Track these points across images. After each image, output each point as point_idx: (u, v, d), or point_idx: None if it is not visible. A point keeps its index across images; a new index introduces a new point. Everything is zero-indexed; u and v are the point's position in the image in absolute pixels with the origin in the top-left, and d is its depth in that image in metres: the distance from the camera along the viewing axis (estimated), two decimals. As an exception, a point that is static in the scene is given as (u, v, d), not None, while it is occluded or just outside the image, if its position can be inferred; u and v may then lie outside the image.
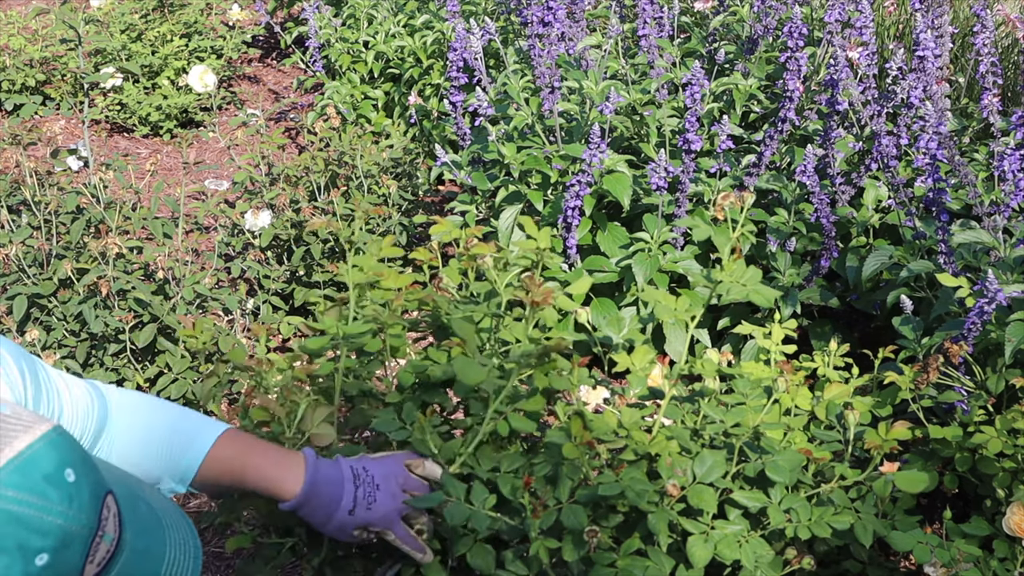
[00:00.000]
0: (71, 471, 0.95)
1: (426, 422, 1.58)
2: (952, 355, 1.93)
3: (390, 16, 4.26)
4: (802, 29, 2.67)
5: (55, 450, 0.94)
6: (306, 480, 1.44)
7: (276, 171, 3.31)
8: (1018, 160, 2.19)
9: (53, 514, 0.92)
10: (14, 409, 0.95)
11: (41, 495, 0.92)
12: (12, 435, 0.92)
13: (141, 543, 1.05)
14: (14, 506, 0.90)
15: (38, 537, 0.91)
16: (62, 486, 0.93)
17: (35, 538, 0.91)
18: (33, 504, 0.91)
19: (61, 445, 0.95)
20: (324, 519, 1.47)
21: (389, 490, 1.51)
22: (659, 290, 2.51)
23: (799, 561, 1.67)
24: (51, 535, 0.92)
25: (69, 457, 0.96)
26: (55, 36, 4.55)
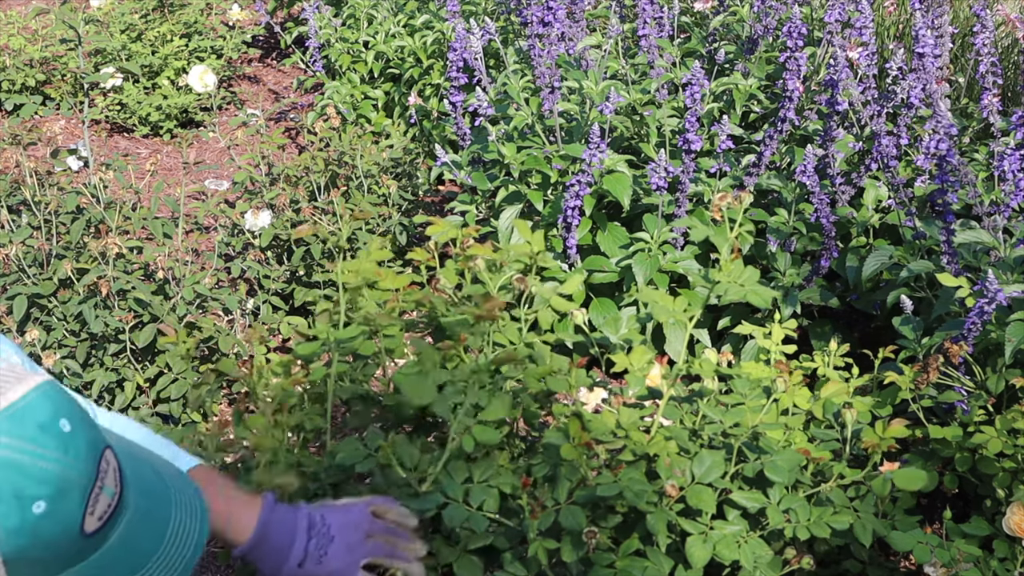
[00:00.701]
0: (66, 421, 0.94)
1: (390, 449, 1.55)
2: (952, 355, 1.93)
3: (390, 16, 4.26)
4: (802, 29, 2.67)
5: (49, 401, 0.93)
6: (257, 526, 1.36)
7: (276, 171, 3.31)
8: (1018, 160, 2.19)
9: (48, 461, 0.91)
10: (8, 364, 0.95)
11: (36, 442, 0.91)
12: (6, 386, 0.91)
13: (145, 504, 1.03)
14: (8, 452, 0.89)
15: (34, 484, 0.90)
16: (57, 435, 0.93)
17: (31, 485, 0.90)
18: (27, 451, 0.90)
19: (55, 397, 0.95)
20: (274, 569, 1.38)
21: (345, 542, 1.41)
22: (658, 290, 2.51)
23: (798, 561, 1.67)
24: (47, 483, 0.91)
25: (64, 408, 0.95)
26: (55, 36, 4.55)
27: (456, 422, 1.56)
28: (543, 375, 1.72)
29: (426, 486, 1.56)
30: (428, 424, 1.79)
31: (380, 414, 1.77)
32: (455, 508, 1.53)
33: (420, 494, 1.55)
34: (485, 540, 1.53)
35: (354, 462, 1.57)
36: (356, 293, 1.81)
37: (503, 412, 1.58)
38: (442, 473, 1.57)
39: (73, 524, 0.94)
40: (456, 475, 1.57)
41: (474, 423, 1.57)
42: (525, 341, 1.82)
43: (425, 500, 1.54)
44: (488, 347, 1.82)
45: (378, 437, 1.59)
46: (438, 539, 1.56)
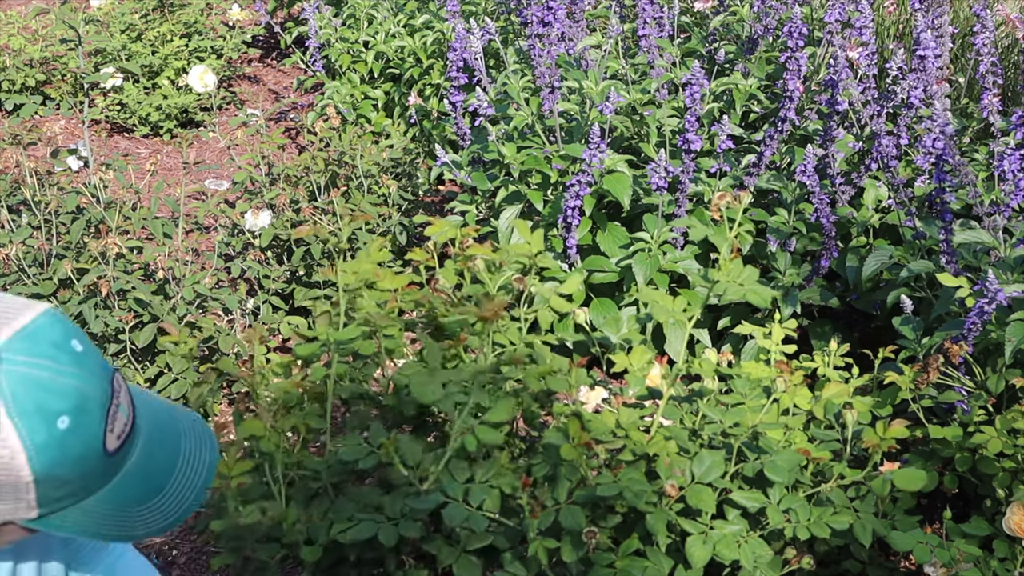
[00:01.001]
0: (77, 342, 0.97)
1: (392, 446, 1.55)
2: (952, 355, 1.93)
3: (390, 16, 4.26)
4: (802, 29, 2.67)
5: (59, 323, 0.97)
6: None
7: (276, 171, 3.31)
8: (1018, 160, 2.19)
9: (66, 376, 0.94)
10: (10, 296, 0.99)
11: (52, 359, 0.94)
12: (15, 312, 0.95)
13: (155, 429, 1.06)
14: (28, 369, 0.92)
15: (56, 399, 0.93)
16: (71, 352, 0.96)
17: (53, 399, 0.93)
18: (46, 367, 0.93)
19: (63, 320, 0.98)
20: None
21: None
22: (658, 290, 2.51)
23: (798, 561, 1.67)
24: (68, 397, 0.94)
25: (73, 331, 0.98)
26: (55, 36, 4.55)
27: (459, 422, 1.57)
28: (543, 375, 1.72)
29: (427, 485, 1.56)
30: (428, 424, 1.79)
31: (380, 414, 1.77)
32: (455, 507, 1.53)
33: (421, 493, 1.55)
34: (485, 540, 1.53)
35: (356, 458, 1.58)
36: (356, 294, 1.81)
37: (507, 414, 1.59)
38: (443, 472, 1.57)
39: (96, 440, 0.96)
40: (458, 474, 1.57)
41: (477, 423, 1.57)
42: (525, 341, 1.82)
43: (426, 499, 1.53)
44: (488, 347, 1.82)
45: (381, 434, 1.59)
46: (438, 539, 1.56)
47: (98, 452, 0.97)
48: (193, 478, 1.08)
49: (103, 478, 1.00)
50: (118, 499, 1.02)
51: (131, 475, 1.03)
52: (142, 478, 1.04)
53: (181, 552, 2.41)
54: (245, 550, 1.59)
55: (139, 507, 1.04)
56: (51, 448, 0.93)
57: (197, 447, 1.10)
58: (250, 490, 1.59)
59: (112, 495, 1.01)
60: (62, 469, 0.95)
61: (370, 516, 1.54)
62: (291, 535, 1.52)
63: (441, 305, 1.81)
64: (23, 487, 0.94)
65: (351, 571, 1.63)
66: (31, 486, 0.95)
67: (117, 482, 1.01)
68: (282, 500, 1.57)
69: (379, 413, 1.77)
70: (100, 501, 1.00)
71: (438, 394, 1.57)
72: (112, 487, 1.01)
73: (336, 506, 1.58)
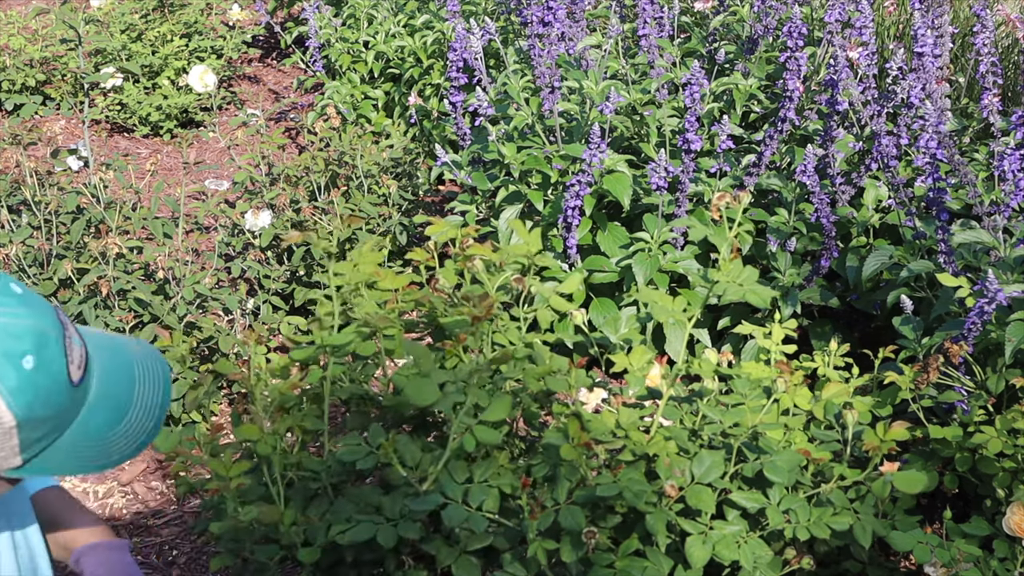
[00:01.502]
0: (15, 285, 1.01)
1: (391, 447, 1.55)
2: (952, 355, 1.93)
3: (390, 16, 4.26)
4: (802, 29, 2.67)
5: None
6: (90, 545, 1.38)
7: (276, 171, 3.31)
8: (1018, 160, 2.19)
9: (18, 316, 0.99)
10: None
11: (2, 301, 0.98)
12: None
13: (107, 358, 1.10)
14: None
15: (15, 341, 0.97)
16: (13, 295, 1.00)
17: (12, 342, 0.97)
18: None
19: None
20: None
21: None
22: (658, 290, 2.51)
23: (798, 561, 1.66)
24: (25, 336, 0.98)
25: (6, 277, 1.03)
26: (55, 36, 4.55)
27: (457, 422, 1.56)
28: (543, 375, 1.72)
29: (427, 485, 1.56)
30: (428, 424, 1.79)
31: (380, 414, 1.77)
32: (455, 508, 1.53)
33: (420, 493, 1.55)
34: (484, 540, 1.53)
35: (355, 459, 1.58)
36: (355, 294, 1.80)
37: (504, 413, 1.58)
38: (442, 472, 1.57)
39: (61, 374, 1.01)
40: (457, 475, 1.57)
41: (475, 423, 1.57)
42: (525, 341, 1.82)
43: (425, 500, 1.53)
44: (488, 347, 1.82)
45: (380, 435, 1.59)
46: (438, 539, 1.56)
47: (65, 384, 1.01)
48: (153, 395, 1.12)
49: (73, 411, 1.04)
50: (90, 430, 1.05)
51: (96, 404, 1.06)
52: (106, 404, 1.07)
53: (181, 552, 2.41)
54: (244, 551, 1.59)
55: (110, 432, 1.07)
56: (24, 389, 0.97)
57: (151, 364, 1.14)
58: (249, 491, 1.59)
59: (83, 427, 1.05)
60: (38, 407, 0.99)
61: (369, 517, 1.54)
62: (289, 536, 1.52)
63: (441, 305, 1.81)
64: (7, 433, 0.97)
65: (350, 572, 1.63)
66: (14, 431, 0.98)
67: (85, 413, 1.05)
68: (281, 501, 1.57)
69: (379, 413, 1.77)
70: (74, 435, 1.04)
71: (435, 396, 1.57)
72: (82, 419, 1.05)
73: (335, 507, 1.58)
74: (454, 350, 1.72)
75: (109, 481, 2.65)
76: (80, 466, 1.06)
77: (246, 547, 1.57)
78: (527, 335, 1.89)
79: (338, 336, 1.70)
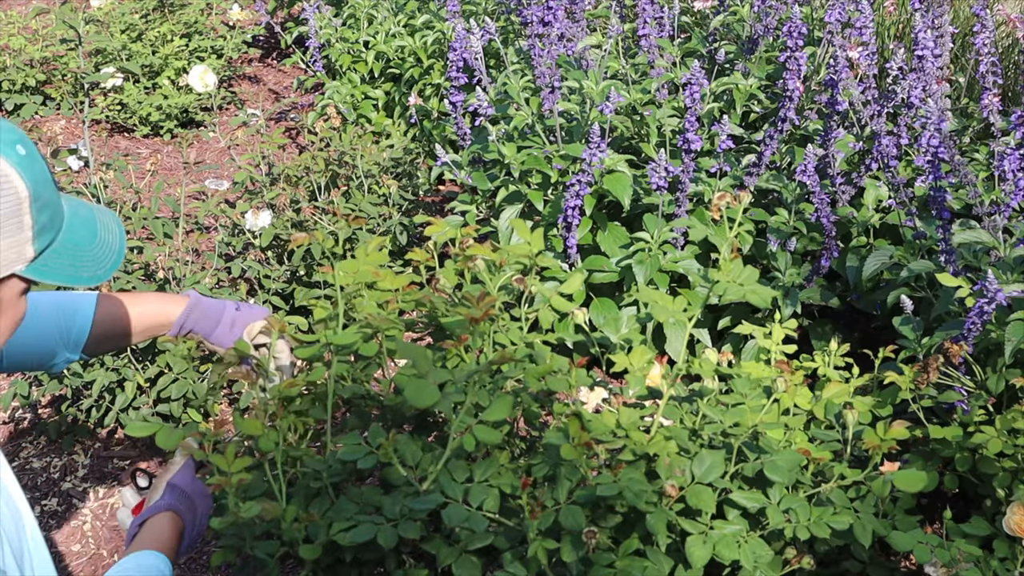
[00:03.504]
0: None
1: (391, 447, 1.55)
2: (952, 355, 1.93)
3: (390, 16, 4.26)
4: (802, 29, 2.67)
5: None
6: (191, 299, 1.68)
7: (276, 171, 3.31)
8: (1017, 159, 2.19)
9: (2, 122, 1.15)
10: None
11: None
12: None
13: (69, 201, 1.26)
14: None
15: (5, 132, 1.13)
16: None
17: (3, 133, 1.13)
18: None
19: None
20: (213, 323, 1.69)
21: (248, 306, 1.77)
22: (658, 290, 2.52)
23: (799, 561, 1.67)
24: (11, 131, 1.14)
25: None
26: (55, 36, 4.55)
27: (457, 421, 1.56)
28: (543, 375, 1.72)
29: (427, 485, 1.56)
30: (429, 424, 1.79)
31: (381, 413, 1.77)
32: (455, 508, 1.53)
33: (420, 493, 1.55)
34: (485, 540, 1.53)
35: (355, 458, 1.58)
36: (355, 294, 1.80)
37: (505, 412, 1.58)
38: (443, 472, 1.57)
39: (45, 168, 1.16)
40: (457, 474, 1.57)
41: (475, 423, 1.57)
42: (526, 341, 1.82)
43: (425, 499, 1.53)
44: (489, 347, 1.82)
45: (380, 434, 1.59)
46: (438, 539, 1.56)
47: (51, 180, 1.17)
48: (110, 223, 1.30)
49: (60, 212, 1.20)
50: (74, 240, 1.22)
51: (72, 221, 1.23)
52: (80, 222, 1.24)
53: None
54: (245, 547, 1.59)
55: (89, 247, 1.24)
56: (25, 167, 1.12)
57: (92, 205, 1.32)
58: (250, 487, 1.59)
59: (70, 238, 1.21)
60: (40, 187, 1.14)
61: (369, 518, 1.54)
62: (290, 533, 1.52)
63: (442, 305, 1.81)
64: (23, 205, 1.12)
65: (351, 570, 1.63)
66: (27, 203, 1.12)
67: (67, 227, 1.22)
68: (282, 498, 1.57)
69: (380, 412, 1.77)
70: (65, 245, 1.20)
71: (434, 397, 1.57)
72: (67, 230, 1.21)
73: (336, 507, 1.58)
74: (455, 350, 1.72)
75: (110, 481, 2.66)
76: (78, 274, 1.22)
77: (247, 543, 1.57)
78: (528, 335, 1.89)
79: (342, 336, 1.70)
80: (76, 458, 2.73)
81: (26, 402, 2.79)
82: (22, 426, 2.84)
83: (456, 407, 1.58)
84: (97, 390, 2.62)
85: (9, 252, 1.12)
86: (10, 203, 1.10)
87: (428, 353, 1.66)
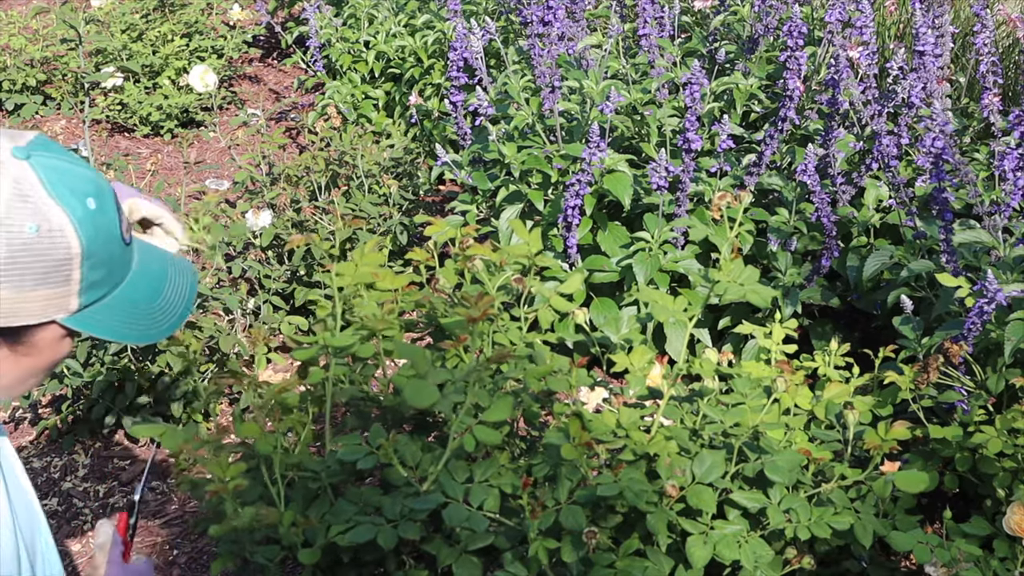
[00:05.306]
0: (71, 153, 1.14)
1: (391, 447, 1.55)
2: (952, 355, 1.93)
3: (391, 16, 4.26)
4: (802, 28, 2.67)
5: (52, 139, 1.14)
6: None
7: (277, 171, 3.31)
8: (1017, 159, 2.19)
9: (82, 166, 1.11)
10: None
11: (67, 154, 1.11)
12: (15, 133, 1.10)
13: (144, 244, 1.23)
14: (53, 160, 1.09)
15: (81, 182, 1.10)
16: (78, 155, 1.15)
17: (79, 183, 1.09)
18: (65, 159, 1.10)
19: (54, 140, 1.15)
20: None
21: None
22: (658, 290, 2.51)
23: (799, 561, 1.67)
24: (89, 182, 1.11)
25: (63, 146, 1.15)
26: (56, 36, 4.55)
27: (457, 422, 1.56)
28: (543, 375, 1.72)
29: (427, 485, 1.56)
30: (428, 424, 1.79)
31: (380, 414, 1.77)
32: (455, 508, 1.53)
33: (421, 493, 1.55)
34: (485, 540, 1.53)
35: (355, 458, 1.57)
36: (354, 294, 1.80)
37: (505, 412, 1.58)
38: (443, 472, 1.57)
39: (115, 225, 1.13)
40: (457, 475, 1.57)
41: (475, 423, 1.57)
42: (525, 341, 1.82)
43: (425, 500, 1.53)
44: (489, 347, 1.82)
45: (380, 434, 1.59)
46: (438, 539, 1.56)
47: (118, 236, 1.13)
48: (182, 283, 1.25)
49: (122, 269, 1.16)
50: (132, 297, 1.18)
51: (137, 276, 1.19)
52: (146, 279, 1.20)
53: (182, 552, 2.42)
54: (244, 552, 1.59)
55: (148, 305, 1.19)
56: (87, 224, 1.08)
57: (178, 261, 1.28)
58: (248, 492, 1.59)
59: (128, 294, 1.17)
60: (98, 245, 1.10)
61: (369, 518, 1.54)
62: (288, 537, 1.52)
63: (441, 305, 1.81)
64: (73, 261, 1.08)
65: (351, 571, 1.63)
66: (77, 260, 1.08)
67: (131, 278, 1.18)
68: (281, 502, 1.57)
69: (380, 413, 1.77)
70: (120, 300, 1.16)
71: (433, 398, 1.57)
72: (126, 285, 1.17)
73: (335, 508, 1.58)
74: (454, 350, 1.72)
75: (110, 481, 2.66)
76: (125, 331, 1.17)
77: (246, 548, 1.57)
78: (528, 335, 1.89)
79: (340, 338, 1.70)
80: (76, 458, 2.73)
81: (26, 402, 2.79)
82: (22, 426, 2.85)
83: (456, 407, 1.58)
84: (97, 390, 2.62)
85: (51, 301, 1.10)
86: (58, 257, 1.08)
87: (427, 353, 1.66)
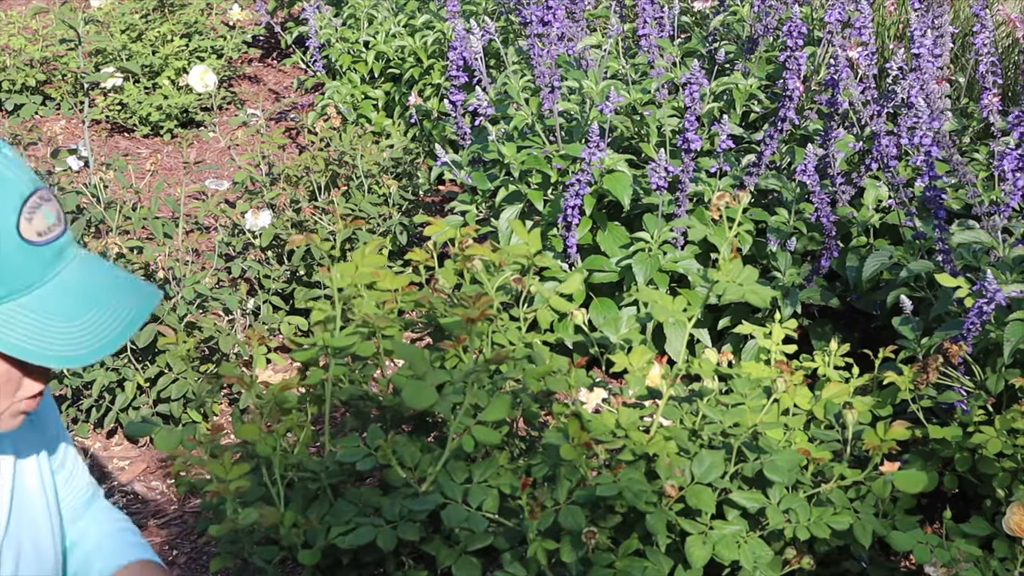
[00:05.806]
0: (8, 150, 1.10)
1: (389, 448, 1.55)
2: (952, 355, 1.93)
3: (390, 16, 4.26)
4: (802, 28, 2.67)
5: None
6: None
7: (276, 171, 3.31)
8: (1017, 159, 2.19)
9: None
10: None
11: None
12: None
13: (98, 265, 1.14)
14: None
15: None
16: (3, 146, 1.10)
17: None
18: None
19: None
20: None
21: None
22: (658, 290, 2.51)
23: (798, 561, 1.66)
24: None
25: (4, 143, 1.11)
26: (55, 36, 4.55)
27: (456, 422, 1.56)
28: (543, 375, 1.72)
29: (426, 486, 1.56)
30: (428, 424, 1.79)
31: (379, 415, 1.77)
32: (454, 508, 1.53)
33: (420, 494, 1.55)
34: (484, 540, 1.53)
35: (354, 460, 1.57)
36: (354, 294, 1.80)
37: (503, 412, 1.58)
38: (442, 473, 1.57)
39: (9, 221, 1.05)
40: (456, 475, 1.57)
41: (474, 423, 1.57)
42: (525, 341, 1.82)
43: (424, 500, 1.53)
44: (488, 347, 1.82)
45: (378, 435, 1.59)
46: (437, 540, 1.56)
47: (12, 235, 1.05)
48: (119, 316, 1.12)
49: (26, 272, 1.07)
50: (43, 309, 1.08)
51: (61, 289, 1.09)
52: (71, 296, 1.09)
53: (181, 552, 2.42)
54: (244, 552, 1.59)
55: (63, 323, 1.08)
56: None
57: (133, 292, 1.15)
58: (248, 492, 1.59)
59: (38, 303, 1.07)
60: None
61: (368, 520, 1.54)
62: (288, 538, 1.52)
63: (441, 305, 1.81)
64: None
65: (351, 572, 1.63)
66: None
67: (46, 291, 1.08)
68: (280, 502, 1.57)
69: (379, 414, 1.77)
70: (24, 308, 1.07)
71: (432, 398, 1.57)
72: (44, 293, 1.08)
73: (335, 509, 1.58)
74: (454, 351, 1.72)
75: (109, 481, 2.65)
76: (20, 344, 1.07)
77: (246, 548, 1.57)
78: (527, 335, 1.89)
79: (339, 338, 1.69)
80: (76, 458, 2.73)
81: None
82: (22, 426, 2.85)
83: (455, 408, 1.58)
84: (97, 390, 2.62)
85: None
86: None
87: (425, 354, 1.66)
